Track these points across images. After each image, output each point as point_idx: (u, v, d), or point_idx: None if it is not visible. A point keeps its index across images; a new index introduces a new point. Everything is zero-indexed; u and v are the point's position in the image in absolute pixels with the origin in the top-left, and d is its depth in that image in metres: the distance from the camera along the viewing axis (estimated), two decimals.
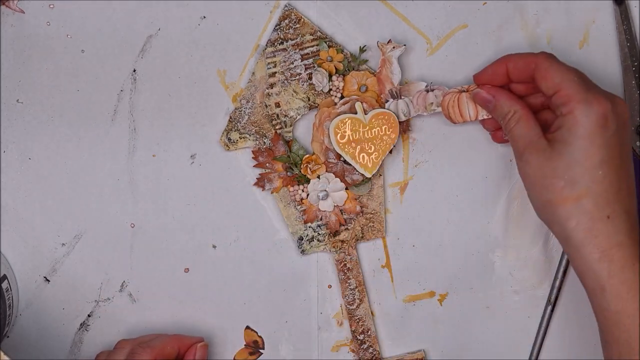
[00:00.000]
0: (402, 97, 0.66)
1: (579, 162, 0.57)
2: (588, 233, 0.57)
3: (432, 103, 0.65)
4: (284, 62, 0.67)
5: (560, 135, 0.58)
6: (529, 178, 0.59)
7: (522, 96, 0.63)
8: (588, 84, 0.59)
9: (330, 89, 0.67)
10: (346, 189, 0.67)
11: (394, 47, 0.65)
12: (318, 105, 0.67)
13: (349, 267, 0.69)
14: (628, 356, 0.56)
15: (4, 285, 0.66)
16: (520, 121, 0.60)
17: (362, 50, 0.67)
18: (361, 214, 0.68)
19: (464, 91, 0.65)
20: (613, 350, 0.58)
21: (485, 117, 0.64)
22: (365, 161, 0.66)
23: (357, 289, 0.69)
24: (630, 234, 0.57)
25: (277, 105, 0.67)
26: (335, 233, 0.68)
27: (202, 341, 0.66)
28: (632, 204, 0.58)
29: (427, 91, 0.65)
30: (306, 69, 0.67)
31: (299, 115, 0.67)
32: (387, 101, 0.66)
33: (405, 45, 0.66)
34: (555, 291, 0.69)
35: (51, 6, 0.66)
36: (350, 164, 0.67)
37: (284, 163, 0.67)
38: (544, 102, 0.63)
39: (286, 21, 0.67)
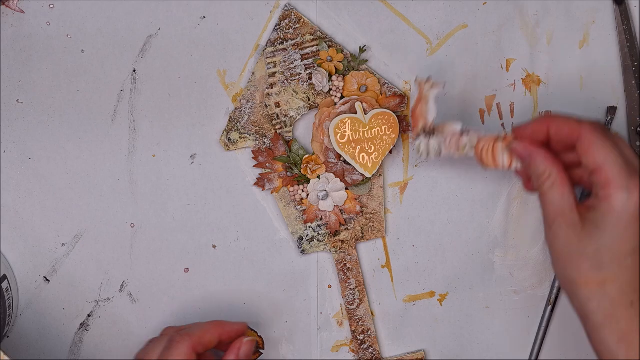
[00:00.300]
0: (435, 135, 0.63)
1: (609, 248, 0.55)
2: (609, 318, 0.55)
3: (465, 146, 0.62)
4: (284, 62, 0.67)
5: (594, 217, 0.55)
6: (555, 251, 0.57)
7: (559, 151, 0.60)
8: (630, 167, 0.56)
9: (330, 89, 0.67)
10: (346, 189, 0.68)
11: (432, 85, 0.63)
12: (318, 105, 0.67)
13: (349, 267, 0.69)
14: None
15: (4, 285, 0.66)
16: (555, 186, 0.57)
17: (362, 50, 0.67)
18: (361, 214, 0.68)
19: (500, 138, 0.62)
20: None
21: (519, 169, 0.62)
22: (365, 161, 0.66)
23: (357, 289, 0.69)
24: None
25: (277, 105, 0.67)
26: (335, 233, 0.68)
27: (245, 329, 0.63)
28: None
29: (462, 133, 0.63)
30: (306, 69, 0.67)
31: (299, 115, 0.67)
32: (417, 137, 0.63)
33: (445, 82, 0.64)
34: (555, 291, 0.69)
35: (51, 6, 0.66)
36: (350, 164, 0.67)
37: (284, 163, 0.67)
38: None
39: (286, 21, 0.67)
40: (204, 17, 0.67)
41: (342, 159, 0.67)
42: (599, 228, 0.55)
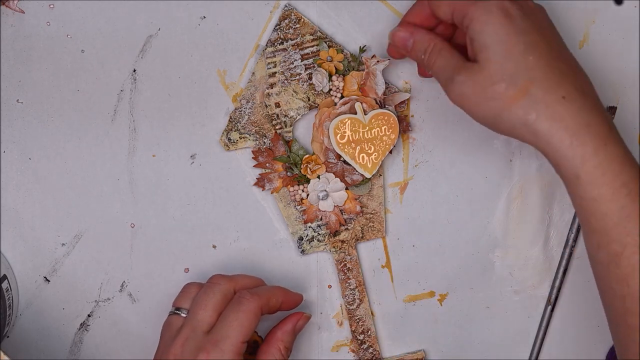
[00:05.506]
0: (386, 106, 0.66)
1: (507, 57, 0.56)
2: (552, 119, 0.55)
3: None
4: (284, 62, 0.67)
5: (477, 45, 0.57)
6: (469, 98, 0.57)
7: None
8: None
9: (330, 89, 0.67)
10: (346, 189, 0.68)
11: (377, 61, 0.66)
12: (318, 105, 0.67)
13: (349, 267, 0.69)
14: (606, 245, 0.55)
15: (4, 285, 0.66)
16: (442, 51, 0.59)
17: (362, 50, 0.67)
18: (361, 214, 0.68)
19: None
20: (592, 241, 0.56)
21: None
22: (365, 161, 0.66)
23: (357, 289, 0.69)
24: (595, 112, 0.55)
25: (277, 105, 0.67)
26: (335, 233, 0.68)
27: (302, 301, 0.65)
28: (586, 85, 0.57)
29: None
30: (306, 69, 0.67)
31: (299, 115, 0.67)
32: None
33: (389, 59, 0.66)
34: (555, 291, 0.69)
35: (51, 6, 0.66)
36: (350, 164, 0.67)
37: (284, 163, 0.67)
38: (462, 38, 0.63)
39: (286, 21, 0.67)
40: (204, 17, 0.67)
41: (342, 159, 0.67)
42: (486, 48, 0.56)
